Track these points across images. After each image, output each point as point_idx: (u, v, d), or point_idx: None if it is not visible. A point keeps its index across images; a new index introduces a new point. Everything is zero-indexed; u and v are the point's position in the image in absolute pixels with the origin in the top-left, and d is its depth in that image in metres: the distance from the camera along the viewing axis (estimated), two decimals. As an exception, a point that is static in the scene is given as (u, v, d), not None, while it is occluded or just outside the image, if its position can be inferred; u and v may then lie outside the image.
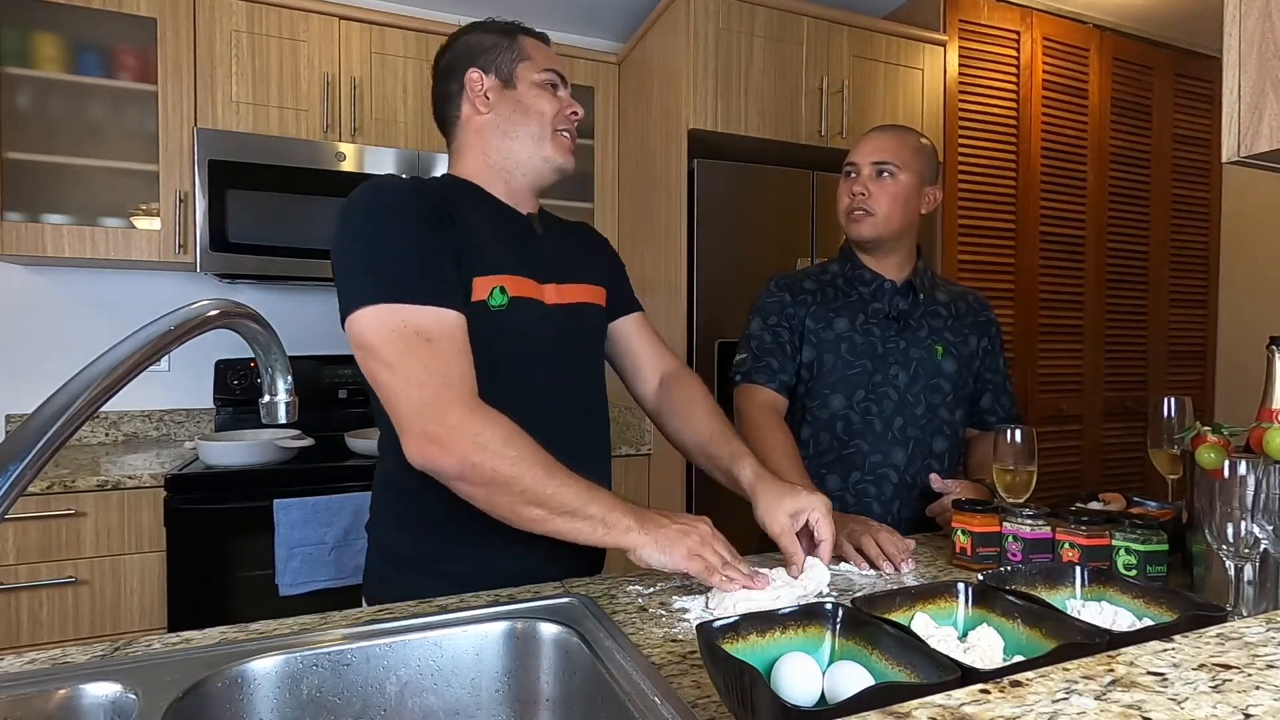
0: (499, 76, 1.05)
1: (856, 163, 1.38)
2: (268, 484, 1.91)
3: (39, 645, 1.76)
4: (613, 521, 0.86)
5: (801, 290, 1.41)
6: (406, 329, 0.86)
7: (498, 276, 0.98)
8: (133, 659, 0.72)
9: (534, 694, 0.80)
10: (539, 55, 1.07)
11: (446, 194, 0.99)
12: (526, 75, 1.05)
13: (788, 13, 2.29)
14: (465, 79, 1.05)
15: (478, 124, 1.06)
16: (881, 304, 1.39)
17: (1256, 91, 0.92)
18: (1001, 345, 1.49)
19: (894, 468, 1.35)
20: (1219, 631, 0.54)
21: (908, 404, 1.36)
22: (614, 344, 1.22)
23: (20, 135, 2.08)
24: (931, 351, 1.38)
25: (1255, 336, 1.55)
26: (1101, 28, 2.77)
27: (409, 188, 0.96)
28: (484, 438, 0.84)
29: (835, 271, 1.44)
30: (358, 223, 0.93)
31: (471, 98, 1.05)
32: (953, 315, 1.42)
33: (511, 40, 1.06)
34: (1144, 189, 2.91)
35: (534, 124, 1.04)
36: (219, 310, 0.64)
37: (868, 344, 1.37)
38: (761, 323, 1.41)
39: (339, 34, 2.28)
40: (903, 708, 0.43)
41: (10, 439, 0.53)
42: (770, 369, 1.37)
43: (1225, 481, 0.78)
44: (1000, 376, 1.47)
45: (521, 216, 1.07)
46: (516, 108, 1.04)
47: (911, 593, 0.71)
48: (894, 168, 1.34)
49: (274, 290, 2.52)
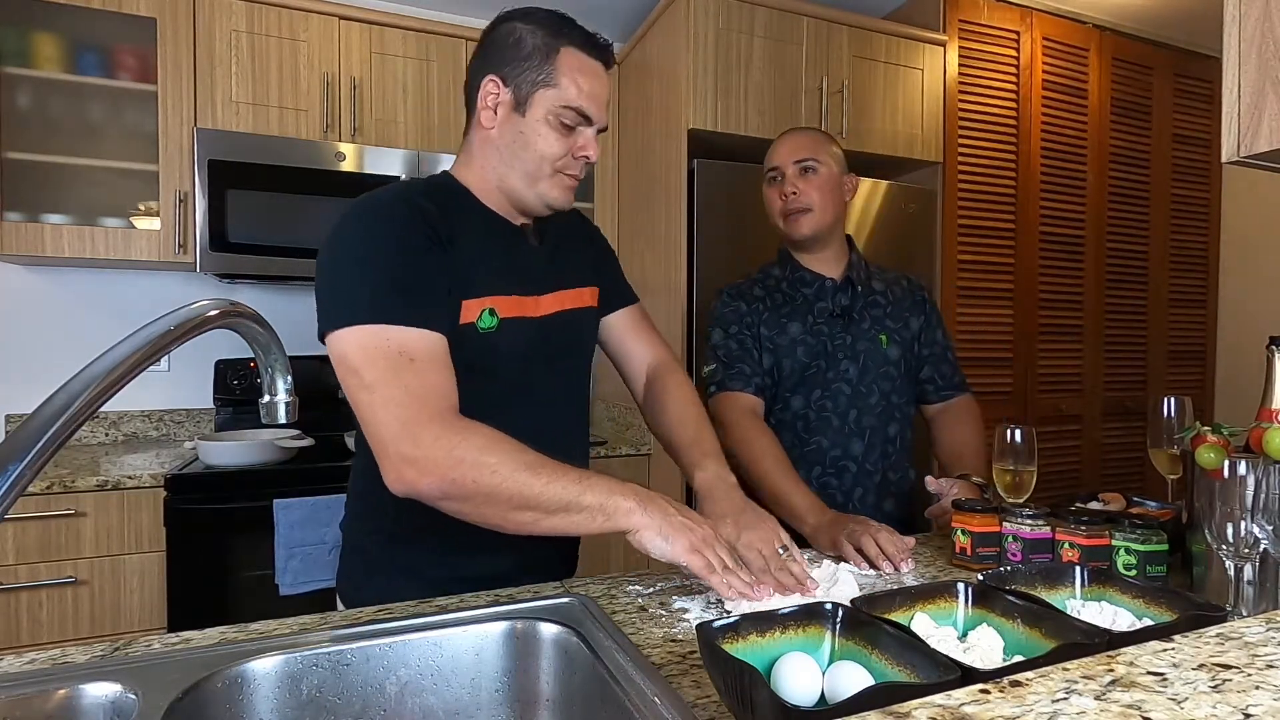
0: (515, 95, 0.96)
1: (779, 165, 1.44)
2: (268, 484, 1.91)
3: (39, 645, 1.76)
4: (612, 507, 0.84)
5: (753, 298, 1.45)
6: (390, 348, 0.85)
7: (487, 299, 0.96)
8: (133, 659, 0.72)
9: (534, 694, 0.80)
10: (570, 83, 0.96)
11: (442, 207, 0.96)
12: (542, 105, 0.96)
13: (788, 13, 2.29)
14: (482, 84, 0.98)
15: (483, 136, 1.00)
16: (826, 303, 1.43)
17: (1256, 91, 0.92)
18: (939, 319, 1.52)
19: (852, 459, 1.39)
20: (1219, 631, 0.54)
21: (861, 395, 1.39)
22: (607, 340, 1.21)
23: (20, 135, 2.08)
24: (876, 342, 1.42)
25: (1255, 336, 1.55)
26: (1101, 28, 2.77)
27: (406, 207, 0.93)
28: (459, 451, 0.82)
29: (778, 275, 1.48)
30: (352, 240, 0.91)
31: (482, 107, 0.99)
32: (890, 301, 1.46)
33: (548, 56, 0.95)
34: (1144, 189, 2.91)
35: (532, 161, 0.97)
36: (219, 310, 0.64)
37: (819, 343, 1.40)
38: (724, 332, 1.43)
39: (339, 34, 2.28)
40: (903, 708, 0.43)
41: (10, 439, 0.53)
42: (744, 374, 1.39)
43: (1225, 481, 0.78)
44: (938, 348, 1.50)
45: (514, 228, 1.04)
46: (519, 139, 0.97)
47: (911, 593, 0.71)
48: (815, 162, 1.41)
49: (274, 290, 2.52)
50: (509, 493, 0.82)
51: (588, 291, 1.13)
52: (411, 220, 0.92)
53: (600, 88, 0.99)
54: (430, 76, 2.39)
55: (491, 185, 1.02)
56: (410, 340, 0.86)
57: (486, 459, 0.82)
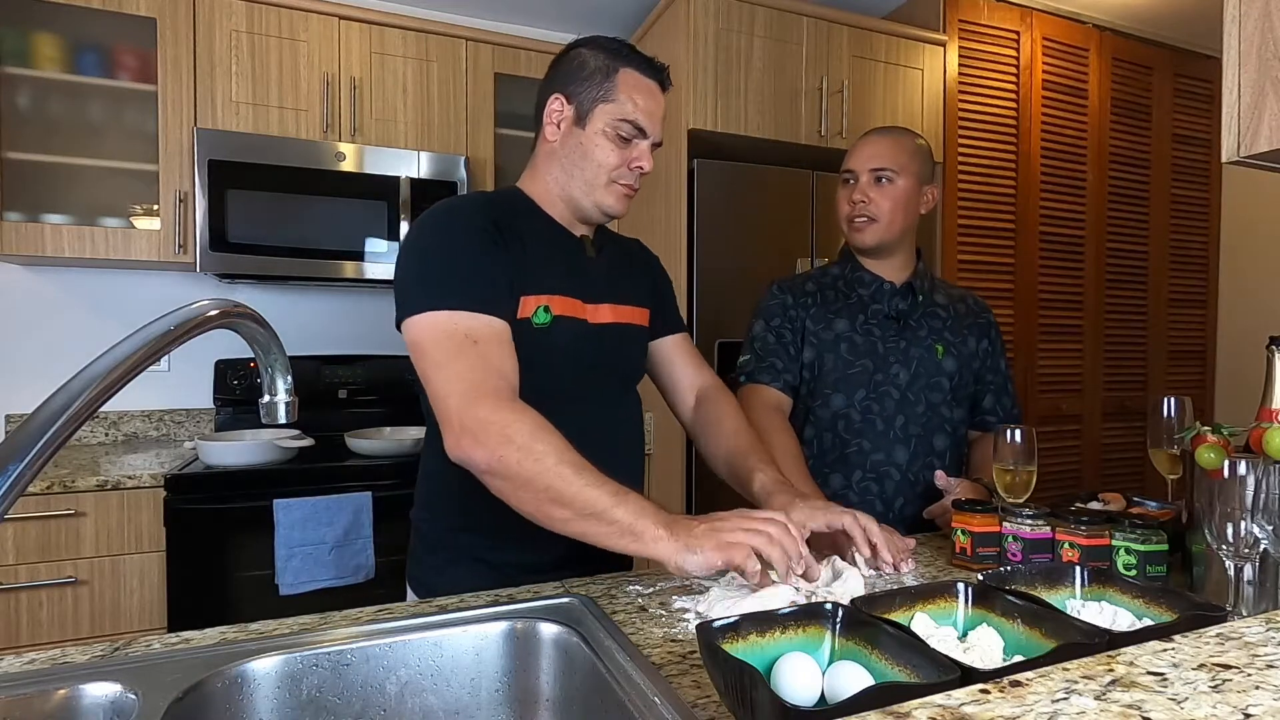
0: (577, 111, 1.05)
1: (854, 170, 1.38)
2: (268, 484, 1.91)
3: (39, 645, 1.76)
4: (640, 530, 0.83)
5: (803, 292, 1.42)
6: (457, 331, 0.92)
7: (544, 296, 1.02)
8: (133, 659, 0.72)
9: (534, 694, 0.80)
10: (628, 99, 1.04)
11: (511, 212, 1.05)
12: (601, 118, 1.04)
13: (787, 13, 2.29)
14: (548, 102, 1.06)
15: (547, 149, 1.08)
16: (881, 305, 1.40)
17: (1256, 91, 0.92)
18: (1003, 347, 1.49)
19: (896, 466, 1.35)
20: (1219, 631, 0.54)
21: (909, 402, 1.36)
22: (654, 362, 1.25)
23: (20, 135, 2.08)
24: (932, 351, 1.38)
25: (1255, 336, 1.55)
26: (1101, 28, 2.77)
27: (477, 209, 1.02)
28: (511, 430, 0.86)
29: (836, 274, 1.45)
30: (426, 237, 0.99)
31: (546, 123, 1.07)
32: (952, 316, 1.43)
33: (609, 75, 1.04)
34: (1144, 189, 2.91)
35: (590, 171, 1.05)
36: (219, 310, 0.64)
37: (868, 344, 1.37)
38: (764, 324, 1.42)
39: (339, 34, 2.28)
40: (903, 708, 0.43)
41: (10, 439, 0.53)
42: (774, 369, 1.38)
43: (1225, 481, 0.78)
44: (1001, 378, 1.47)
45: (574, 238, 1.11)
46: (579, 149, 1.05)
47: (911, 593, 0.71)
48: (892, 173, 1.35)
49: (274, 290, 2.52)
50: (546, 483, 0.84)
51: (641, 312, 1.17)
52: (482, 222, 1.00)
53: (655, 105, 1.07)
54: (430, 76, 2.39)
55: (554, 195, 1.09)
56: (476, 325, 0.93)
57: (534, 445, 0.85)
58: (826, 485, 1.35)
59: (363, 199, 2.22)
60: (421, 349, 0.93)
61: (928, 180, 1.40)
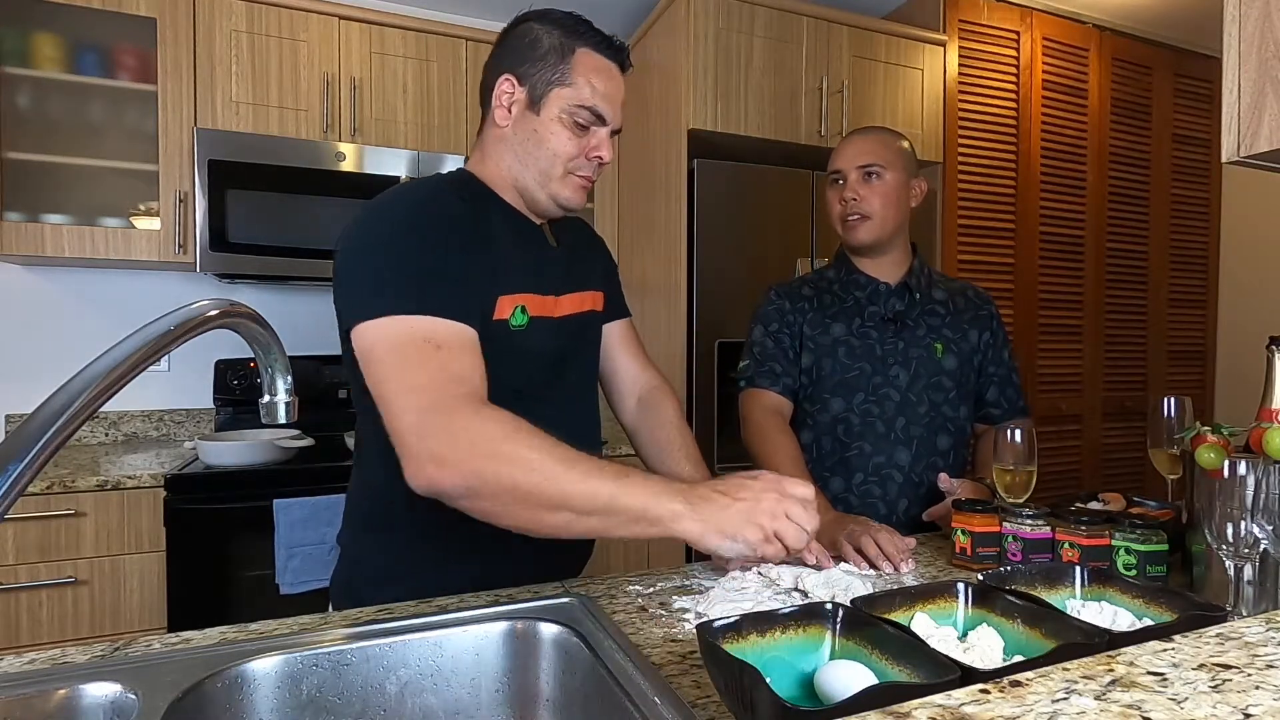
0: (530, 94, 0.97)
1: (842, 169, 1.39)
2: (268, 484, 1.91)
3: (39, 645, 1.76)
4: (655, 513, 0.76)
5: (799, 297, 1.43)
6: (416, 337, 0.82)
7: (520, 295, 0.96)
8: (133, 659, 0.72)
9: (534, 694, 0.80)
10: (585, 82, 0.96)
11: (473, 205, 0.96)
12: (556, 103, 0.96)
13: (787, 13, 2.29)
14: (498, 83, 0.98)
15: (497, 134, 1.00)
16: (877, 307, 1.40)
17: (1256, 91, 0.92)
18: (1005, 338, 1.48)
19: (898, 468, 1.35)
20: (1219, 631, 0.54)
21: (910, 403, 1.36)
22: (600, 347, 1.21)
23: (20, 135, 2.08)
24: (931, 350, 1.38)
25: (1255, 336, 1.55)
26: (1101, 27, 2.77)
27: (436, 204, 0.92)
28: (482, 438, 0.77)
29: (831, 277, 1.46)
30: (382, 231, 0.89)
31: (496, 105, 0.99)
32: (951, 312, 1.43)
33: (564, 55, 0.96)
34: (1144, 189, 2.91)
35: (545, 161, 0.97)
36: (219, 310, 0.64)
37: (865, 347, 1.37)
38: (763, 330, 1.42)
39: (339, 34, 2.28)
40: (903, 708, 0.43)
41: (10, 439, 0.53)
42: (773, 373, 1.38)
43: (1225, 481, 0.78)
44: (1005, 369, 1.46)
45: (535, 227, 1.05)
46: (532, 137, 0.97)
47: (911, 593, 0.71)
48: (880, 167, 1.35)
49: (274, 290, 2.51)
50: (536, 489, 0.76)
51: (597, 295, 1.14)
52: (441, 216, 0.91)
53: (615, 89, 0.98)
54: (430, 76, 2.39)
55: (507, 183, 1.02)
56: (438, 329, 0.83)
57: (513, 450, 0.77)
58: (827, 489, 1.35)
59: (363, 199, 2.22)
60: (374, 358, 0.83)
61: (914, 174, 1.40)
